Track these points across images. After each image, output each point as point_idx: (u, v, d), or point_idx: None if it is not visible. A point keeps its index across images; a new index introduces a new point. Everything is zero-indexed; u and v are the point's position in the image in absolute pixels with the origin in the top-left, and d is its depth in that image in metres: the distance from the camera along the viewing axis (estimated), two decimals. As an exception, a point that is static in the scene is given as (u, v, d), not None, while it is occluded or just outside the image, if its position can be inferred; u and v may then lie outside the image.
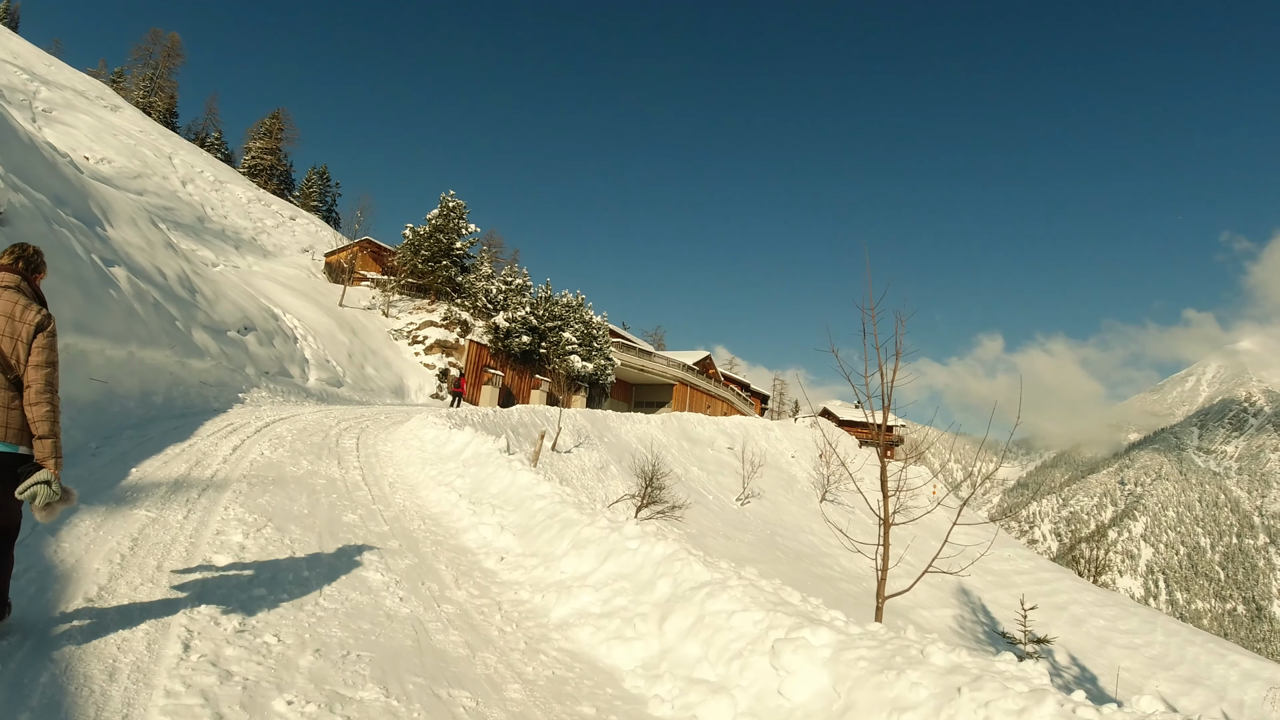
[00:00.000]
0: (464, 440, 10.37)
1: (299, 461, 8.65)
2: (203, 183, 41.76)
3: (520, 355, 34.66)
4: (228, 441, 8.94)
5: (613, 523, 6.29)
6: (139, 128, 42.90)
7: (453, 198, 34.92)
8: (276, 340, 19.77)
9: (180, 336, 13.14)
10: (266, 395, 15.50)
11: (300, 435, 10.53)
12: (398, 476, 9.33)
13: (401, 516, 7.25)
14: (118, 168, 33.87)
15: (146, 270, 14.63)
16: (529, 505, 7.39)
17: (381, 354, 28.20)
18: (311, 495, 7.08)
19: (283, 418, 11.90)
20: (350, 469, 8.97)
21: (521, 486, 8.05)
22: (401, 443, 11.59)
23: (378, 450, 10.96)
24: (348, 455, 9.89)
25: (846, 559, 28.66)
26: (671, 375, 48.01)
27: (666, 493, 16.40)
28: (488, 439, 10.25)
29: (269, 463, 8.21)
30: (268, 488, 6.92)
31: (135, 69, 61.91)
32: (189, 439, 8.67)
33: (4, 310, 3.06)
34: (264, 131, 66.56)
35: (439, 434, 11.23)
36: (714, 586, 4.78)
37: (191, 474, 6.86)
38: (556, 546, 6.22)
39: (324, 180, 72.02)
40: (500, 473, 8.65)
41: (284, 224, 45.42)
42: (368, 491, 7.98)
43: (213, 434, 9.34)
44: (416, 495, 8.47)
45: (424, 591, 5.06)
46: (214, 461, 7.65)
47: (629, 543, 5.74)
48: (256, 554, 4.95)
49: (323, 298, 30.27)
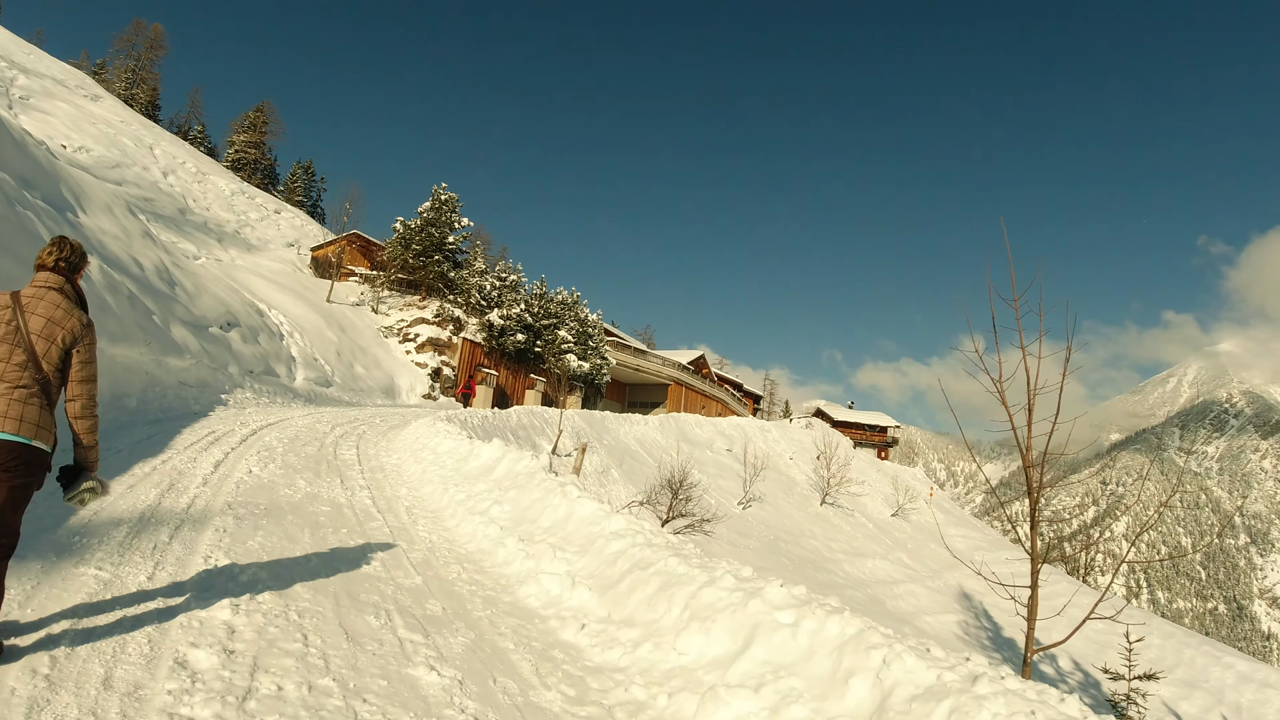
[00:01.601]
0: (492, 455, 8.82)
1: (294, 481, 7.41)
2: (184, 174, 40.38)
3: (515, 354, 33.61)
4: (209, 455, 7.76)
5: (741, 580, 4.68)
6: (120, 118, 41.45)
7: (445, 190, 33.76)
8: (261, 337, 18.67)
9: (157, 332, 12.08)
10: (251, 396, 14.42)
11: (292, 445, 9.39)
12: (414, 499, 7.98)
13: (432, 559, 5.88)
14: (96, 157, 32.56)
15: (121, 260, 13.55)
16: (601, 547, 5.86)
17: (371, 352, 27.09)
18: (316, 531, 5.80)
19: (270, 423, 10.80)
20: (356, 489, 7.75)
21: (585, 520, 6.54)
22: (409, 453, 10.27)
23: (382, 463, 9.75)
24: (349, 470, 8.69)
25: (850, 564, 28.04)
26: (667, 375, 47.12)
27: (694, 504, 15.33)
28: (524, 454, 8.67)
29: (259, 484, 6.96)
30: (260, 522, 5.65)
31: (117, 60, 60.28)
32: (163, 453, 7.44)
33: (46, 312, 3.11)
34: (248, 125, 65.02)
35: (457, 446, 9.74)
36: (956, 695, 3.13)
37: (163, 504, 5.58)
38: (661, 612, 4.65)
39: (309, 175, 70.51)
40: (551, 500, 7.11)
41: (269, 217, 44.09)
42: (383, 522, 6.66)
43: (191, 445, 8.17)
44: (442, 526, 7.11)
45: (500, 699, 3.60)
46: (191, 484, 6.41)
47: (779, 615, 4.14)
48: (252, 642, 3.52)
49: (309, 293, 29.10)
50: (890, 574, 29.39)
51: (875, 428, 67.94)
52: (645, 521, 6.46)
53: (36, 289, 3.17)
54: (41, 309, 3.11)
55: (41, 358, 3.07)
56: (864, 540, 32.38)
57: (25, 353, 3.05)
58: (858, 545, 31.46)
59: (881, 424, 68.59)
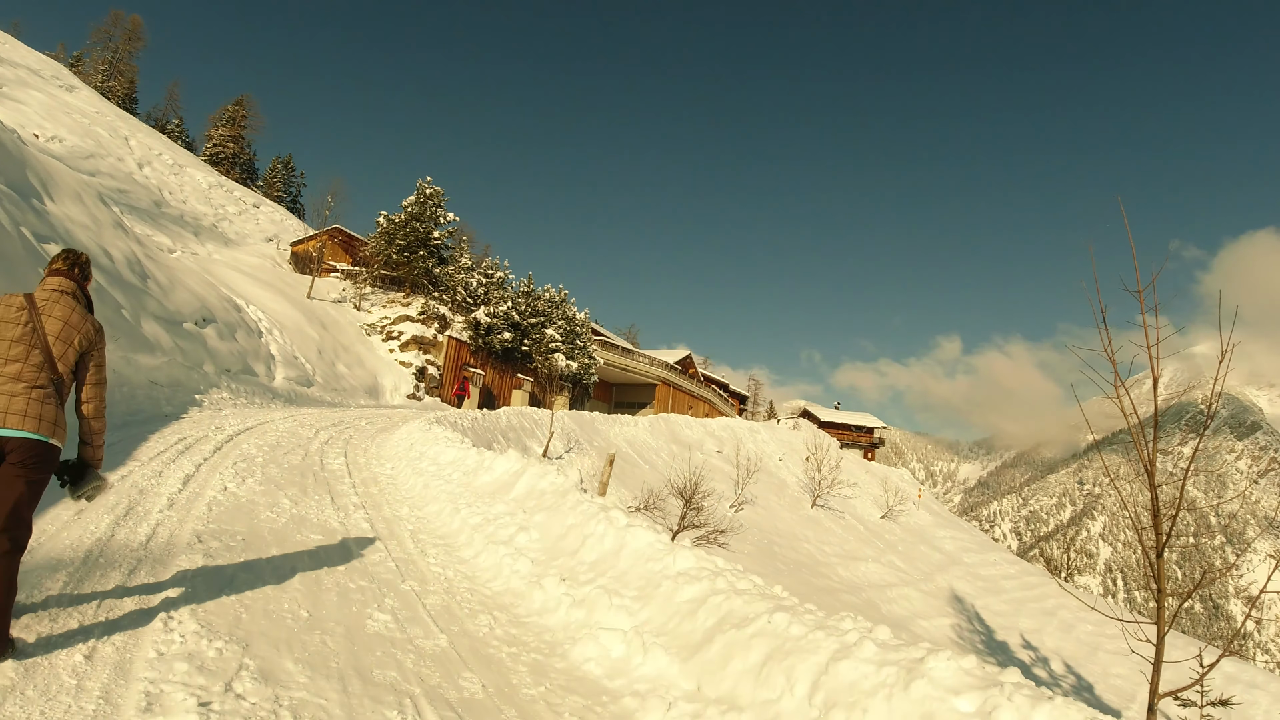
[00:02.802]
0: (508, 468, 7.54)
1: (277, 500, 6.40)
2: (161, 165, 39.25)
3: (501, 353, 32.82)
4: (178, 468, 6.70)
5: (886, 648, 3.52)
6: (95, 109, 40.29)
7: (430, 184, 32.83)
8: (239, 334, 17.83)
9: (126, 327, 11.28)
10: (228, 397, 13.60)
11: (273, 453, 8.42)
12: (419, 522, 6.86)
13: (454, 606, 4.80)
14: (69, 146, 31.47)
15: (89, 250, 12.71)
16: (669, 593, 4.65)
17: (354, 350, 26.24)
18: (307, 571, 4.74)
19: (249, 427, 9.92)
20: (350, 510, 6.69)
21: (641, 555, 5.22)
22: (406, 463, 9.17)
23: (376, 474, 8.73)
24: (340, 484, 7.69)
25: (843, 568, 27.66)
26: (655, 375, 46.49)
27: (706, 514, 14.57)
28: (548, 469, 7.23)
29: (236, 505, 5.89)
30: (237, 560, 4.63)
31: (94, 52, 58.82)
32: (124, 465, 6.44)
33: (62, 315, 3.24)
34: (227, 118, 63.72)
35: (463, 456, 8.50)
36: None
37: (115, 538, 4.51)
38: (778, 690, 3.50)
39: (288, 170, 69.24)
40: (593, 528, 5.81)
41: (247, 211, 43.01)
42: (386, 554, 5.56)
43: (158, 455, 7.14)
44: (458, 557, 6.00)
45: None
46: (155, 506, 5.30)
47: (956, 703, 3.03)
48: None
49: (289, 289, 28.17)
50: (884, 577, 29.09)
51: (861, 428, 67.79)
52: (717, 556, 5.20)
53: (49, 292, 3.29)
54: (58, 312, 3.24)
55: (58, 359, 3.19)
56: (856, 543, 32.06)
57: (42, 354, 3.16)
58: (850, 548, 31.12)
59: (868, 424, 68.45)
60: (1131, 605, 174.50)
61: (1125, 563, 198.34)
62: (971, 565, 36.91)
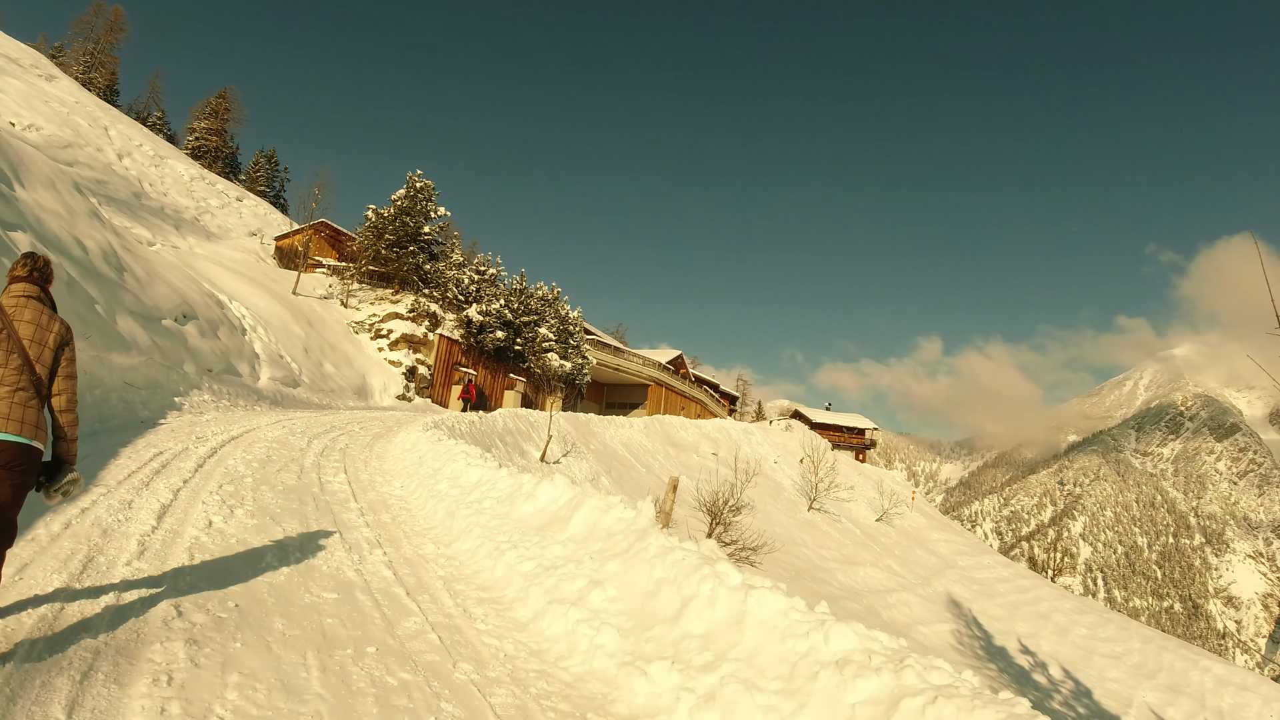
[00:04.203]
0: (556, 497, 6.14)
1: (276, 539, 5.29)
2: (141, 156, 38.04)
3: (494, 352, 31.93)
4: (152, 495, 5.58)
5: None
6: (75, 98, 39.06)
7: (420, 177, 31.83)
8: (222, 331, 16.92)
9: (100, 324, 10.42)
10: (210, 399, 12.70)
11: (264, 470, 7.34)
12: (450, 564, 5.55)
13: (532, 708, 3.57)
14: (46, 135, 30.31)
15: (61, 240, 11.83)
16: (831, 688, 3.31)
17: (341, 349, 25.29)
18: (330, 666, 3.54)
19: (234, 436, 8.93)
20: (364, 549, 5.49)
21: (774, 629, 3.83)
22: (417, 481, 7.97)
23: (384, 496, 7.53)
24: (345, 511, 6.56)
25: (843, 573, 27.21)
26: (647, 375, 45.73)
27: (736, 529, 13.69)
28: (611, 501, 5.72)
29: (224, 548, 4.78)
30: (231, 652, 3.43)
31: (76, 43, 57.30)
32: (88, 490, 5.36)
33: (33, 318, 3.29)
34: (209, 111, 62.36)
35: (493, 478, 7.13)
36: None
37: (66, 613, 3.44)
38: None
39: (272, 165, 67.82)
40: (695, 585, 4.33)
41: (230, 205, 41.84)
42: (422, 618, 4.41)
43: (130, 475, 6.05)
44: (512, 620, 4.72)
45: None
46: (121, 557, 4.21)
47: None
48: None
49: (274, 284, 27.17)
50: (882, 583, 28.73)
51: (853, 429, 67.38)
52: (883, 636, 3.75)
53: (16, 299, 3.32)
54: (28, 315, 3.28)
55: (35, 361, 3.24)
56: (854, 547, 31.66)
57: (20, 357, 3.20)
58: (848, 553, 30.72)
59: (859, 426, 68.04)
60: (1112, 604, 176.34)
61: (1105, 562, 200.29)
62: (966, 569, 36.68)
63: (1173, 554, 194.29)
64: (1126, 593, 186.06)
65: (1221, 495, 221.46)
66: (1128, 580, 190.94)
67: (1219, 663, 28.82)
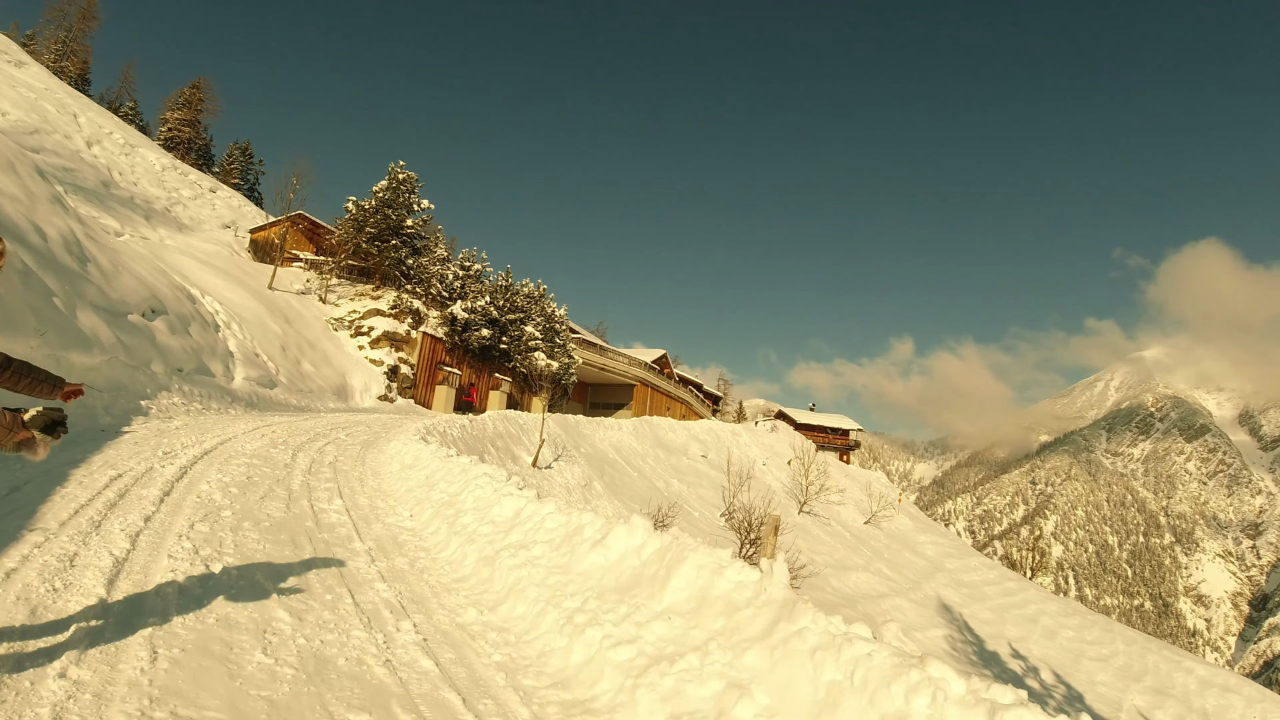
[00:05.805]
0: (635, 544, 4.51)
1: (268, 611, 3.78)
2: (111, 145, 36.56)
3: (479, 351, 30.93)
4: (103, 541, 4.17)
5: None
6: (44, 84, 37.51)
7: (403, 169, 30.72)
8: (193, 328, 15.86)
9: (58, 319, 9.42)
10: (180, 402, 11.70)
11: (244, 498, 6.01)
12: (506, 645, 4.08)
13: None
14: (13, 121, 28.89)
15: (18, 226, 10.77)
16: None
17: (320, 347, 24.20)
18: None
19: (208, 449, 7.80)
20: (389, 626, 3.97)
21: None
22: (429, 508, 6.66)
23: (394, 531, 6.17)
24: (353, 557, 5.13)
25: (836, 578, 26.73)
26: (633, 375, 44.94)
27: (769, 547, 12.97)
28: (722, 556, 4.03)
29: (199, 636, 3.29)
30: None
31: (48, 30, 55.36)
32: (21, 534, 4.02)
33: None
34: (183, 101, 60.57)
35: (536, 512, 5.58)
36: None
37: None
38: None
39: (246, 157, 66.04)
40: (898, 699, 2.82)
41: (203, 196, 40.41)
42: None
43: (79, 511, 4.65)
44: None
45: None
46: (55, 659, 2.75)
47: None
48: None
49: (249, 279, 26.00)
50: (875, 587, 28.33)
51: (837, 430, 67.05)
52: None
53: None
54: None
55: None
56: (845, 551, 31.22)
57: None
58: (839, 556, 30.28)
59: (844, 426, 67.73)
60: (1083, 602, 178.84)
61: (1077, 561, 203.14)
62: (954, 572, 36.51)
63: (1143, 553, 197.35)
64: (1098, 591, 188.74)
65: (1191, 495, 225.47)
66: (1099, 579, 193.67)
67: (1201, 664, 29.09)
